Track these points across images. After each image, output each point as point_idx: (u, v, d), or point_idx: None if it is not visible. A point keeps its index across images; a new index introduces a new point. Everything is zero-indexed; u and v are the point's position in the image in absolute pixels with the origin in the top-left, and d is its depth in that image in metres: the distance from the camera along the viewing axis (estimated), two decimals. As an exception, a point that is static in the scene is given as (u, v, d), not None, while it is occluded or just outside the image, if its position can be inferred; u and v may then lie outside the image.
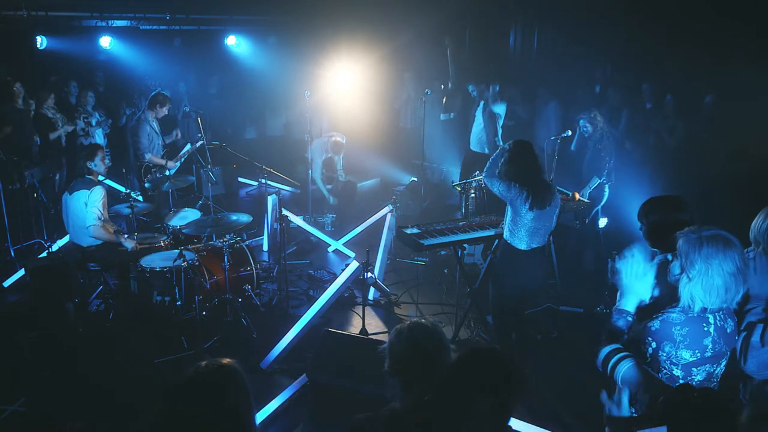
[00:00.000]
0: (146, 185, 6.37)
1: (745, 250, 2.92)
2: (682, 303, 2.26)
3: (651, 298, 2.47)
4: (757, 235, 2.88)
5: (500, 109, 7.22)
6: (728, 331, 2.28)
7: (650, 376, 2.21)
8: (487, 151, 7.20)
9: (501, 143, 7.22)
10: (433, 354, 2.14)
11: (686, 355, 2.24)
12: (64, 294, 5.24)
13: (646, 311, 2.41)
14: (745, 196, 5.32)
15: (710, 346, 2.24)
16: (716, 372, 2.32)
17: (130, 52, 9.59)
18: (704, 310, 2.23)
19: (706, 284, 2.18)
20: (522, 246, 4.12)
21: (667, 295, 2.38)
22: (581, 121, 5.96)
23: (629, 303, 2.44)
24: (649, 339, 2.28)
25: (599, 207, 5.92)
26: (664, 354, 2.25)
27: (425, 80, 9.21)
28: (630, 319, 2.44)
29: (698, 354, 2.24)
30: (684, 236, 2.25)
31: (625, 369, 2.25)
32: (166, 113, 7.05)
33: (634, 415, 2.23)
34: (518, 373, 1.85)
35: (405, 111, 9.77)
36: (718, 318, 2.25)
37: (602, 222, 6.07)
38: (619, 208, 5.83)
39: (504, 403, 1.80)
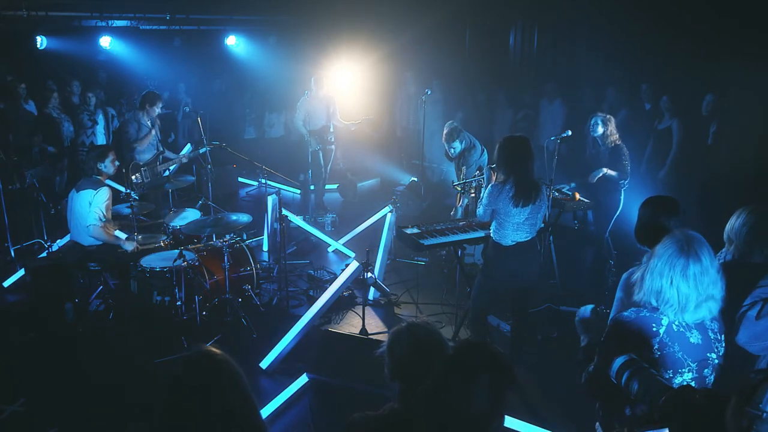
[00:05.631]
0: (138, 181, 6.34)
1: (720, 251, 2.96)
2: (639, 296, 2.26)
3: None
4: (730, 234, 2.95)
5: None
6: (691, 341, 2.20)
7: (652, 378, 2.20)
8: None
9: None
10: (434, 354, 2.11)
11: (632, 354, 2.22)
12: (64, 294, 5.23)
13: None
14: (746, 195, 5.33)
15: (656, 347, 2.19)
16: (675, 381, 2.21)
17: (130, 52, 9.60)
18: (656, 309, 2.21)
19: (662, 270, 2.17)
20: (506, 242, 4.15)
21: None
22: (593, 120, 5.77)
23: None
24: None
25: (615, 215, 5.75)
26: None
27: (425, 80, 9.21)
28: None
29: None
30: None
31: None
32: (159, 111, 7.05)
33: None
34: (509, 363, 1.86)
35: (405, 111, 9.77)
36: (675, 324, 2.20)
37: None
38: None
39: (500, 393, 1.80)
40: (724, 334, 2.31)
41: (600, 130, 5.73)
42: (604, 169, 5.73)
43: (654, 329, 2.20)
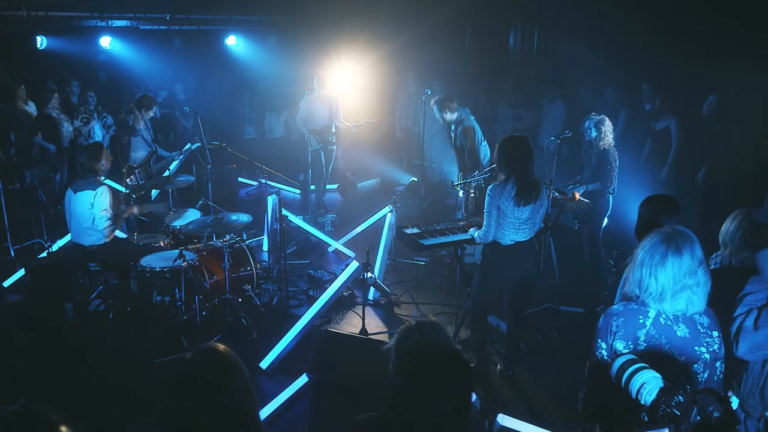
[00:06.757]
0: (133, 183, 6.35)
1: (714, 254, 2.96)
2: (626, 287, 2.30)
3: None
4: (725, 237, 3.00)
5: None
6: (678, 334, 2.21)
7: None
8: None
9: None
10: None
11: (620, 347, 2.24)
12: (64, 294, 5.24)
13: None
14: (746, 195, 5.32)
15: (642, 338, 2.21)
16: (663, 375, 2.15)
17: (130, 52, 9.60)
18: (644, 303, 2.23)
19: (647, 264, 2.20)
20: (505, 242, 4.16)
21: None
22: (586, 123, 5.65)
23: None
24: (598, 339, 2.31)
25: (606, 216, 5.73)
26: (605, 347, 2.27)
27: (425, 80, 9.21)
28: None
29: (631, 345, 2.23)
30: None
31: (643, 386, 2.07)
32: (153, 115, 7.07)
33: None
34: (470, 372, 1.84)
35: (405, 111, 9.77)
36: (662, 317, 2.22)
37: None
38: (619, 209, 5.81)
39: (461, 394, 1.80)
40: (718, 332, 2.30)
41: (593, 133, 5.58)
42: (585, 187, 5.63)
43: (641, 321, 2.23)
